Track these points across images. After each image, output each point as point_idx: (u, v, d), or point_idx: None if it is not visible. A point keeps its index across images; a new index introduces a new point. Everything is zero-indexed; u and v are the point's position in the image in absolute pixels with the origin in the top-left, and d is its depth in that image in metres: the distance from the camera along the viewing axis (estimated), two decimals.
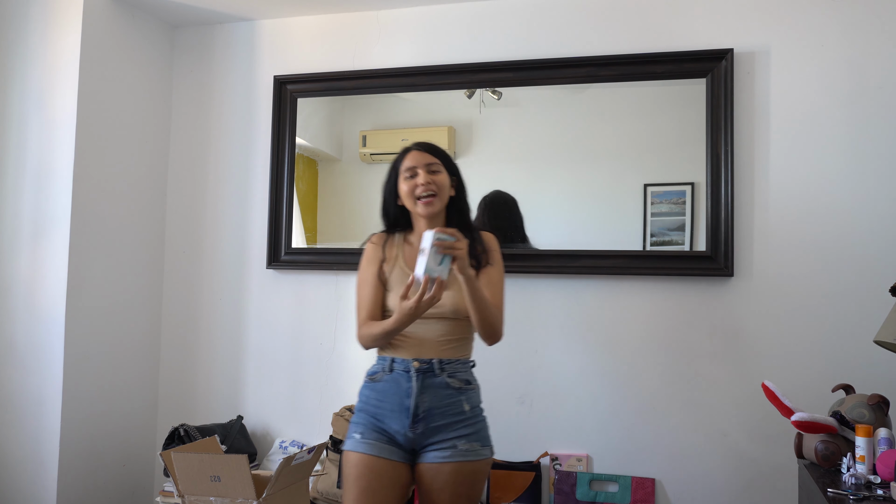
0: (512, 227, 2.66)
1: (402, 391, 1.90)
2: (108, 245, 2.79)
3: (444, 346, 1.93)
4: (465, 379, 1.95)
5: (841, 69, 2.42)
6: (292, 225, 2.91)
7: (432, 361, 1.91)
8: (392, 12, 2.86)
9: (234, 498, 2.04)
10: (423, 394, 1.89)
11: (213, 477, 2.04)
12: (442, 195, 1.98)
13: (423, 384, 1.89)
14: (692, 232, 2.53)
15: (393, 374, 1.92)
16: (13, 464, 2.63)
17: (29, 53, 2.70)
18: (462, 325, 1.96)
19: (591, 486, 2.53)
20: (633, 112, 2.61)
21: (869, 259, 2.36)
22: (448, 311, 1.92)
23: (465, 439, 1.89)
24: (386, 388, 1.93)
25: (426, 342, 1.92)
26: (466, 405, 1.92)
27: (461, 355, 1.97)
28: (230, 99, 3.04)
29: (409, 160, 1.99)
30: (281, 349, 2.90)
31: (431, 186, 1.95)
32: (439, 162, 1.99)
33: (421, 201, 1.96)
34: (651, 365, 2.54)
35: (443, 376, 1.91)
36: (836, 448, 1.91)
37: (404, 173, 1.98)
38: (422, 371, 1.90)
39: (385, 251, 2.03)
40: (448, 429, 1.89)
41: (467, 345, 2.00)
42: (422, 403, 1.88)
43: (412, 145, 2.02)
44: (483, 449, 1.92)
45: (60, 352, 2.59)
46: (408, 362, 1.91)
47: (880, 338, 1.96)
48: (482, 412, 1.98)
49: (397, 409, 1.89)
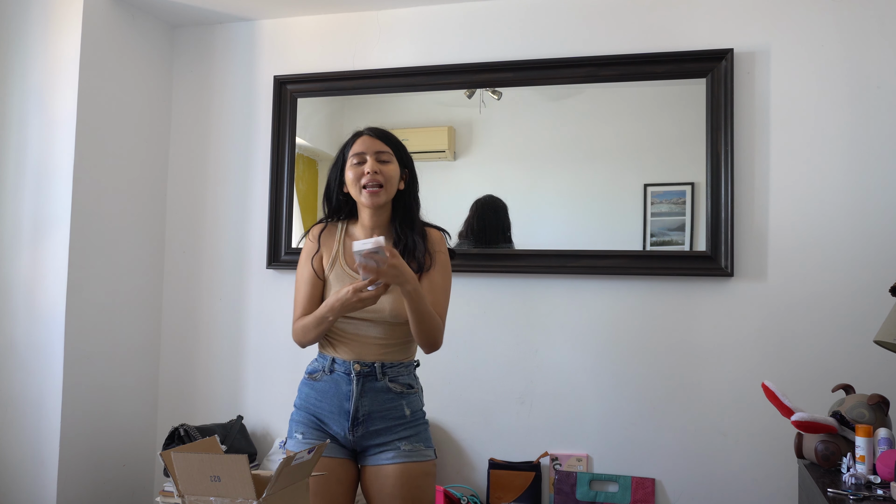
0: (499, 229, 2.71)
1: (341, 394, 1.84)
2: (108, 245, 2.79)
3: (385, 349, 1.87)
4: (407, 383, 1.89)
5: (841, 69, 2.42)
6: (292, 225, 2.91)
7: (374, 365, 1.84)
8: (392, 12, 2.86)
9: (234, 498, 2.04)
10: (364, 397, 1.83)
11: (213, 477, 2.04)
12: (389, 187, 1.85)
13: (364, 387, 1.83)
14: (692, 232, 2.53)
15: (333, 375, 1.86)
16: (13, 464, 2.63)
17: (29, 53, 2.70)
18: (403, 328, 1.87)
19: (591, 486, 2.53)
20: (633, 112, 2.61)
21: (869, 259, 2.36)
22: (387, 315, 1.84)
23: (407, 440, 1.84)
24: (325, 388, 1.87)
25: (367, 344, 1.86)
26: (407, 409, 1.87)
27: (404, 357, 1.90)
28: (230, 99, 3.04)
29: (358, 145, 1.87)
30: (281, 349, 2.90)
31: (378, 177, 1.83)
32: (390, 151, 1.88)
33: (366, 191, 1.84)
34: (651, 365, 2.54)
35: (384, 380, 1.85)
36: (836, 448, 1.91)
37: (352, 159, 1.87)
38: (363, 374, 1.84)
39: (322, 244, 1.93)
40: (388, 432, 1.84)
41: (409, 347, 1.92)
42: (362, 407, 1.83)
43: (364, 129, 1.91)
44: (427, 450, 1.87)
45: (60, 352, 2.59)
46: (349, 364, 1.85)
47: (880, 338, 1.96)
48: (424, 416, 1.92)
49: (336, 411, 1.84)
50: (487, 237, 2.70)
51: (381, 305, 1.82)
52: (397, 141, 1.92)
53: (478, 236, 2.70)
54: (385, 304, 1.82)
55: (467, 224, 2.72)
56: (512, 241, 2.70)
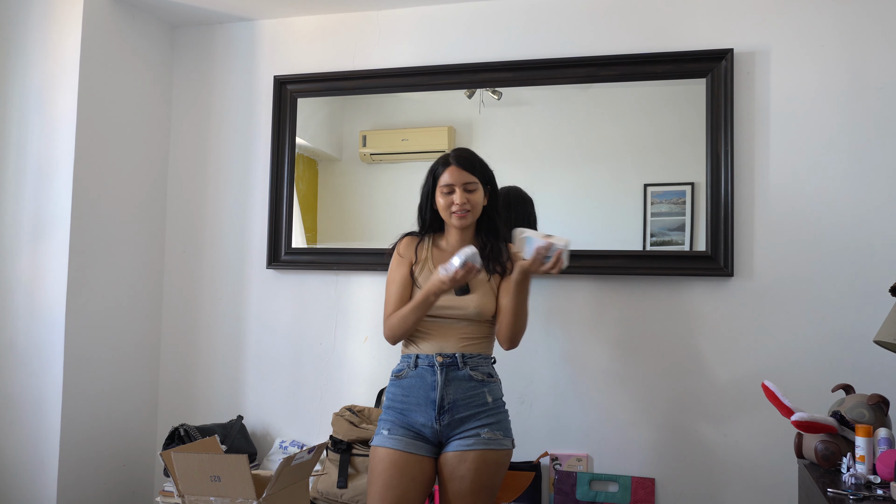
0: (526, 224, 2.63)
1: (427, 385, 1.99)
2: (108, 245, 2.79)
3: (465, 342, 2.02)
4: (488, 372, 2.04)
5: (841, 69, 2.42)
6: (292, 225, 2.91)
7: (455, 355, 2.00)
8: (392, 12, 2.86)
9: (234, 498, 2.04)
10: (448, 386, 1.97)
11: (213, 477, 2.04)
12: (475, 211, 2.07)
13: (448, 377, 1.98)
14: (692, 232, 2.53)
15: (418, 370, 2.01)
16: (13, 464, 2.63)
17: (29, 53, 2.70)
18: (483, 326, 2.06)
19: (591, 486, 2.53)
20: (633, 112, 2.61)
21: (869, 259, 2.36)
22: (472, 312, 2.01)
23: (489, 428, 1.97)
24: (411, 383, 2.01)
25: (448, 338, 2.02)
26: (489, 396, 2.00)
27: (482, 351, 2.05)
28: (230, 99, 3.04)
29: (447, 176, 2.05)
30: (281, 349, 2.90)
31: (466, 206, 2.03)
32: (476, 180, 2.06)
33: (455, 215, 2.05)
34: (651, 365, 2.54)
35: (465, 369, 1.99)
36: (836, 448, 1.91)
37: (442, 188, 2.05)
38: (446, 364, 1.99)
39: (416, 253, 2.12)
40: (472, 419, 1.97)
41: (488, 343, 2.09)
42: (447, 395, 1.97)
43: (452, 158, 2.07)
44: (505, 439, 2.00)
45: (60, 352, 2.59)
46: (431, 357, 2.00)
47: (880, 338, 1.96)
48: (504, 405, 2.06)
49: (423, 402, 1.98)
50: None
51: (467, 303, 2.01)
52: (482, 165, 2.11)
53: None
54: (470, 302, 2.01)
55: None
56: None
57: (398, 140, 2.83)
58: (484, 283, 2.05)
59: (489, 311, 2.04)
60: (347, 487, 2.45)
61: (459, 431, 1.96)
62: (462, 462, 1.93)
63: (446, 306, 2.01)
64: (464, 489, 1.93)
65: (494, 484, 1.98)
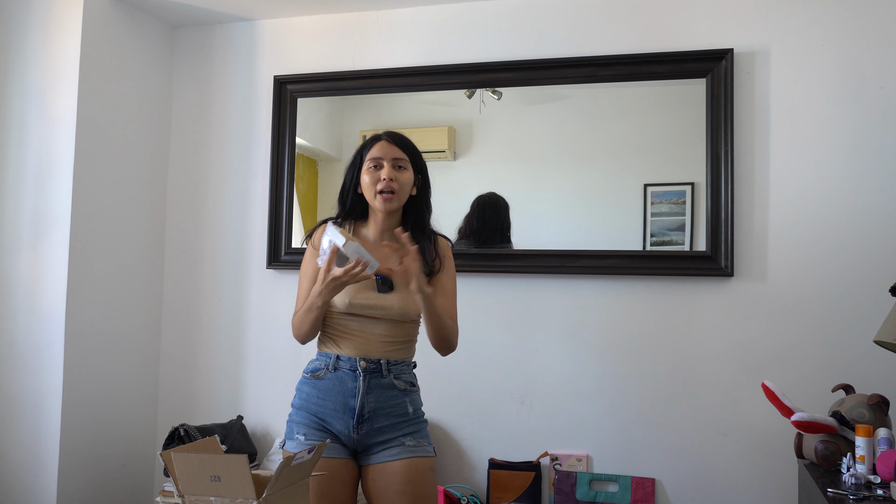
0: (498, 229, 2.70)
1: (346, 391, 1.85)
2: (108, 245, 2.79)
3: (390, 347, 1.89)
4: (410, 381, 1.92)
5: (841, 69, 2.42)
6: (292, 225, 2.91)
7: (380, 362, 1.87)
8: (392, 12, 2.86)
9: (234, 498, 2.04)
10: (369, 394, 1.85)
11: (213, 477, 2.04)
12: (402, 194, 1.90)
13: (370, 384, 1.85)
14: (692, 232, 2.53)
15: (338, 373, 1.87)
16: (13, 464, 2.63)
17: (29, 53, 2.70)
18: (408, 327, 1.92)
19: (591, 486, 2.53)
20: (633, 112, 2.61)
21: (869, 259, 2.36)
22: (395, 313, 1.87)
23: (411, 436, 1.86)
24: (329, 386, 1.87)
25: (372, 341, 1.88)
26: (410, 407, 1.90)
27: (406, 357, 1.93)
28: (230, 99, 3.04)
29: (376, 150, 1.91)
30: (281, 349, 2.90)
31: (393, 184, 1.86)
32: (407, 158, 1.91)
33: (380, 196, 1.87)
34: (651, 365, 2.54)
35: (389, 377, 1.87)
36: (836, 448, 1.92)
37: (368, 163, 1.90)
38: (369, 371, 1.85)
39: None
40: (392, 429, 1.86)
41: (411, 347, 1.96)
42: (367, 404, 1.84)
43: (383, 134, 1.95)
44: (428, 446, 1.89)
45: (60, 352, 2.59)
46: (354, 361, 1.86)
47: (880, 338, 1.96)
48: (423, 415, 1.95)
49: (341, 409, 1.85)
50: (486, 236, 2.70)
51: (390, 303, 1.86)
52: (414, 147, 1.96)
53: (477, 235, 2.70)
54: (393, 301, 1.86)
55: (466, 221, 2.72)
56: (511, 241, 2.70)
57: None
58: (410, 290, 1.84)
59: (414, 311, 1.88)
60: None
61: (379, 442, 1.85)
62: (393, 475, 1.81)
63: (368, 305, 1.86)
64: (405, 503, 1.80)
65: (433, 493, 1.86)
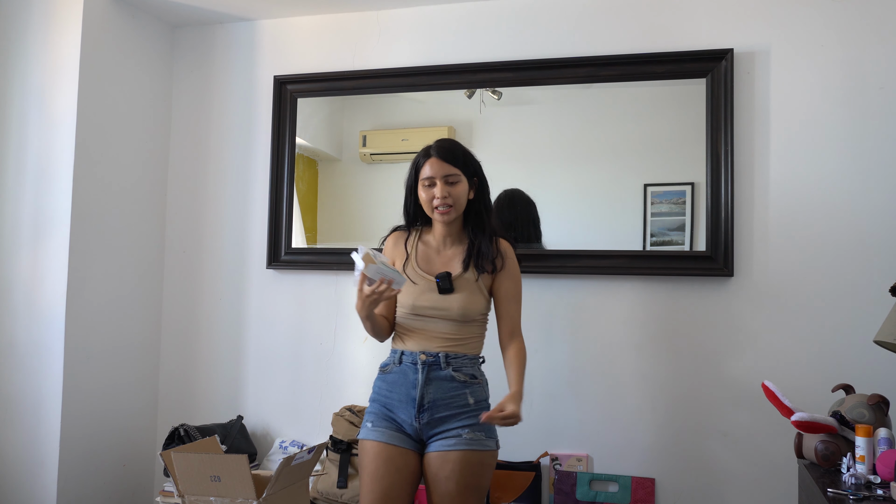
0: (530, 224, 2.65)
1: (409, 382, 1.97)
2: (108, 245, 2.79)
3: (450, 342, 1.99)
4: (471, 374, 2.00)
5: (841, 69, 2.42)
6: (292, 225, 2.91)
7: (438, 355, 1.97)
8: (392, 12, 2.86)
9: (234, 498, 2.04)
10: (429, 385, 1.95)
11: (213, 477, 2.04)
12: (458, 205, 2.01)
13: (429, 376, 1.96)
14: (692, 232, 2.53)
15: (402, 367, 2.00)
16: (13, 464, 2.63)
17: (29, 53, 2.70)
18: (469, 327, 2.02)
19: (591, 486, 2.53)
20: (633, 112, 2.61)
21: (868, 259, 2.36)
22: (456, 314, 1.98)
23: (470, 429, 1.94)
24: (395, 379, 2.00)
25: (433, 337, 1.99)
26: (471, 398, 1.98)
27: (468, 351, 2.02)
28: (230, 99, 3.04)
29: (428, 169, 2.00)
30: (281, 349, 2.90)
31: (448, 199, 1.98)
32: (459, 172, 2.00)
33: (437, 212, 2.01)
34: (651, 365, 2.54)
35: (448, 369, 1.97)
36: (836, 448, 1.91)
37: (423, 181, 2.01)
38: (428, 363, 1.97)
39: (405, 248, 2.09)
40: (452, 419, 1.95)
41: (475, 342, 2.05)
42: (427, 394, 1.95)
43: (433, 149, 2.02)
44: (488, 440, 1.97)
45: (60, 352, 2.59)
46: (415, 355, 1.98)
47: (880, 338, 1.96)
48: (488, 407, 2.02)
49: (405, 399, 1.97)
50: (518, 233, 2.63)
51: (450, 304, 1.98)
52: (463, 155, 2.03)
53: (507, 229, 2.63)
54: (453, 303, 1.98)
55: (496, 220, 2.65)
56: (541, 239, 2.64)
57: (398, 140, 2.83)
58: (471, 283, 2.01)
59: (475, 311, 2.01)
60: (347, 487, 2.46)
61: (440, 431, 1.94)
62: (445, 463, 1.91)
63: (430, 306, 1.99)
64: (450, 490, 1.90)
65: (482, 485, 1.95)
